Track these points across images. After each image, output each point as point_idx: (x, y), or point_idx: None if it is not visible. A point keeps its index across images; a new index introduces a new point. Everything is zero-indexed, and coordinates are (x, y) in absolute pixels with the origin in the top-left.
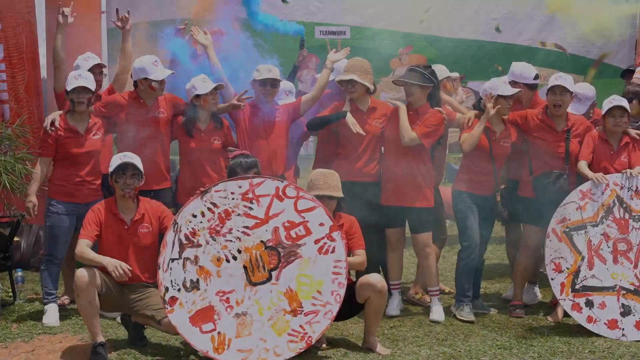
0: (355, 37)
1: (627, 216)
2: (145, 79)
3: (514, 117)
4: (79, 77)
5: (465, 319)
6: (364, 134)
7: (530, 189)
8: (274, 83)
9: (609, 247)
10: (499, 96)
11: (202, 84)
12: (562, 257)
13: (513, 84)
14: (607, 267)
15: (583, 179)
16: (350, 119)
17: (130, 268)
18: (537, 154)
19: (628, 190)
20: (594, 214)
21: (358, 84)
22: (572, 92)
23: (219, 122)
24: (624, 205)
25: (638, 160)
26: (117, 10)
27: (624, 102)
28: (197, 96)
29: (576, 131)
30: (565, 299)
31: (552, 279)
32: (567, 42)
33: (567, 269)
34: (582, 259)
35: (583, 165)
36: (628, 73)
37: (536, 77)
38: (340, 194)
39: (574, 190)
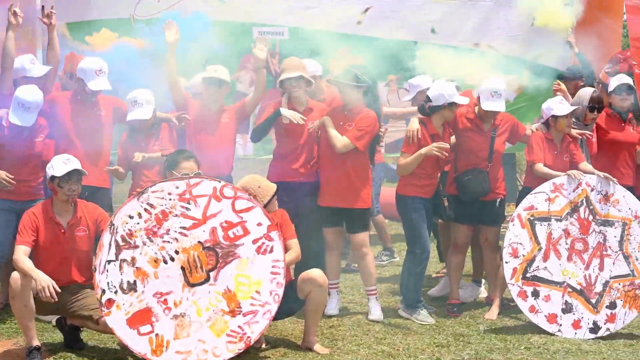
0: (294, 37)
1: (590, 218)
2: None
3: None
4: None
5: (425, 322)
6: (303, 121)
7: (453, 186)
8: (219, 83)
9: (567, 243)
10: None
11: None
12: (520, 243)
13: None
14: (561, 262)
15: (536, 179)
16: (285, 112)
17: (59, 291)
18: (463, 153)
19: (597, 194)
20: (560, 208)
21: (302, 80)
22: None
23: (157, 128)
24: (591, 207)
25: (580, 159)
26: (42, 7)
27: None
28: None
29: (501, 129)
30: (513, 284)
31: (507, 262)
32: (501, 44)
33: (523, 255)
34: (540, 249)
35: (541, 167)
36: (563, 79)
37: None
38: (266, 200)
39: (548, 181)
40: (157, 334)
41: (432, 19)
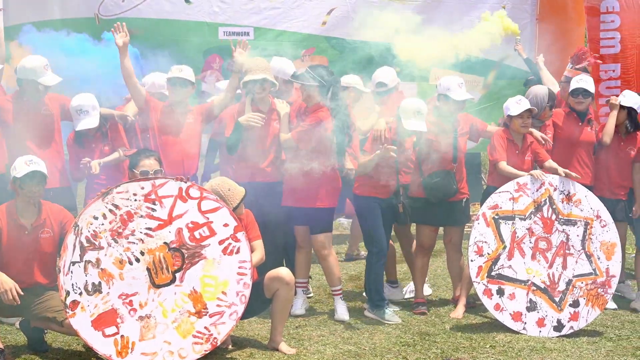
0: (259, 38)
1: (553, 217)
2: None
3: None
4: None
5: (392, 322)
6: (262, 122)
7: (420, 189)
8: (184, 83)
9: (530, 242)
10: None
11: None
12: (485, 242)
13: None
14: (525, 261)
15: (500, 178)
16: (242, 120)
17: (22, 293)
18: (427, 155)
19: (560, 194)
20: (524, 207)
21: (268, 82)
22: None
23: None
24: (554, 207)
25: (545, 157)
26: None
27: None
28: None
29: (462, 130)
30: (479, 282)
31: (472, 261)
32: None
33: (488, 254)
34: (504, 248)
35: (505, 166)
36: (528, 84)
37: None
38: (236, 203)
39: (511, 181)
40: (122, 336)
41: (396, 19)
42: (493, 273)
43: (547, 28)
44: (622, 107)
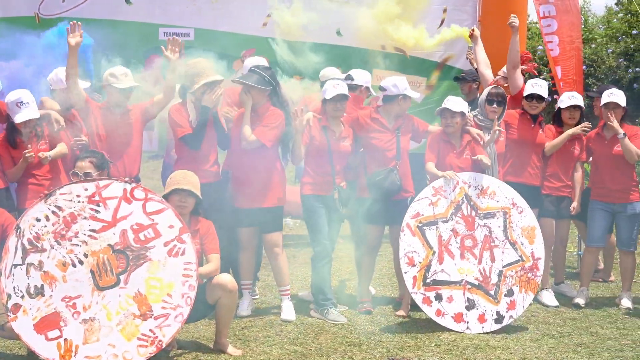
0: (199, 39)
1: (473, 213)
2: None
3: (350, 119)
4: None
5: (336, 322)
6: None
7: (365, 189)
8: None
9: (457, 242)
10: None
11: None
12: (415, 252)
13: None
14: (455, 262)
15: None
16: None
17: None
18: (371, 154)
19: (475, 189)
20: (445, 210)
21: (220, 83)
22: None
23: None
24: (471, 203)
25: (477, 154)
26: None
27: (461, 105)
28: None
29: (406, 130)
30: (416, 292)
31: (405, 272)
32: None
33: (420, 262)
34: (433, 253)
35: (431, 167)
36: (459, 80)
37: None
38: (198, 193)
39: (427, 187)
40: (65, 339)
41: (337, 20)
42: (428, 280)
43: (489, 29)
44: (575, 107)
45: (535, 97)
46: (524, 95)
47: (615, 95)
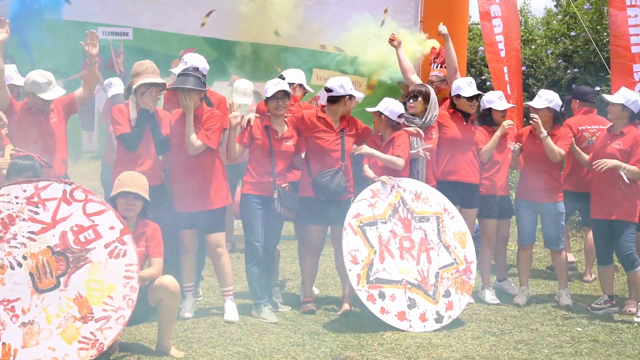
0: (138, 38)
1: (409, 216)
2: None
3: (295, 119)
4: None
5: (268, 321)
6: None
7: (309, 189)
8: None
9: (396, 243)
10: None
11: None
12: (357, 250)
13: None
14: (395, 262)
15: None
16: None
17: None
18: (315, 154)
19: (410, 193)
20: (383, 211)
21: (159, 85)
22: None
23: None
24: (407, 207)
25: (393, 152)
26: None
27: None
28: None
29: (350, 131)
30: (361, 290)
31: (350, 270)
32: (347, 45)
33: (362, 261)
34: (375, 252)
35: (366, 169)
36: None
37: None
38: (146, 196)
39: (366, 189)
40: (4, 343)
41: (276, 20)
42: (371, 278)
43: (431, 30)
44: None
45: (475, 97)
46: (467, 96)
47: (538, 98)
